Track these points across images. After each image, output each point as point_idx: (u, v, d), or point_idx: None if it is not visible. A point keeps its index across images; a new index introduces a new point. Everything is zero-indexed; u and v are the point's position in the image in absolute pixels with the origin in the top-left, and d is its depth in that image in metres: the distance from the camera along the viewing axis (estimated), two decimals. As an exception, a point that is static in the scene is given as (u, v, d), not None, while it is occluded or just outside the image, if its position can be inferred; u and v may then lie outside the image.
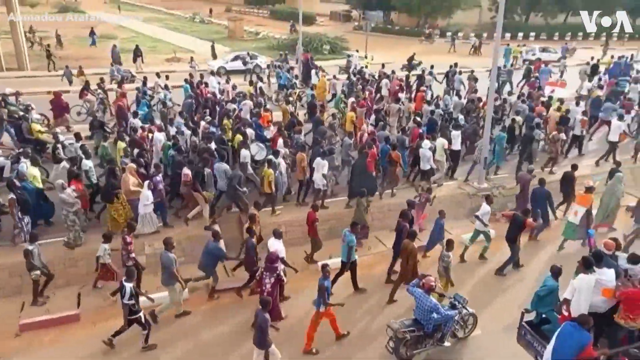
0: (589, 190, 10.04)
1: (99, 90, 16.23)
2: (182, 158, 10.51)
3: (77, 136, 11.60)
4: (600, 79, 18.73)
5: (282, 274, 7.94)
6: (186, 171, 9.86)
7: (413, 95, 17.32)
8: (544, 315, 7.31)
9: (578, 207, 10.04)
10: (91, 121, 13.67)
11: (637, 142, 13.57)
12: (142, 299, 7.61)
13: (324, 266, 7.41)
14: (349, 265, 8.72)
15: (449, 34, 42.24)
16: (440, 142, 11.80)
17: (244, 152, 10.89)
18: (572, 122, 13.31)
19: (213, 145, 11.09)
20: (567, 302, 6.95)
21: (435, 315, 7.07)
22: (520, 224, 9.16)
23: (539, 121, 12.62)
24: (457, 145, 12.17)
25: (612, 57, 25.08)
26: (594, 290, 6.78)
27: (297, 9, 26.15)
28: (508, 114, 14.80)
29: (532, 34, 42.70)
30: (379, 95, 16.50)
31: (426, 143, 11.67)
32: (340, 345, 7.78)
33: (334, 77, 18.68)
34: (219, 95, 16.17)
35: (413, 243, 8.38)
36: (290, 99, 15.80)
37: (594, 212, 10.37)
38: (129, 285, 7.14)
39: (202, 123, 12.63)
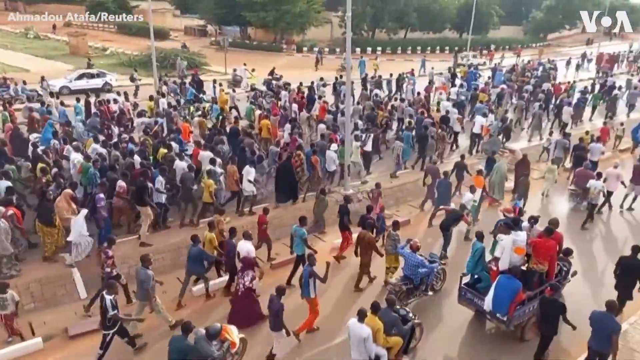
0: (480, 172, 12.91)
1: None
2: (111, 173, 10.57)
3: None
4: (462, 85, 23.17)
5: (247, 278, 8.55)
6: (121, 183, 10.01)
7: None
8: (476, 276, 9.38)
9: (476, 189, 12.73)
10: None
11: (490, 134, 17.43)
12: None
13: (310, 255, 8.36)
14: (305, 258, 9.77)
15: (312, 48, 46.18)
16: (355, 144, 13.62)
17: (180, 164, 11.09)
18: (452, 122, 16.62)
19: (137, 159, 11.12)
20: (496, 259, 9.19)
21: (421, 269, 8.86)
22: (458, 217, 11.10)
23: (430, 121, 15.52)
24: (368, 147, 14.14)
25: (466, 66, 30.90)
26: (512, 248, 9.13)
27: (148, 23, 25.85)
28: (397, 117, 17.65)
29: (379, 48, 48.94)
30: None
31: (333, 146, 13.40)
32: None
33: (233, 90, 19.41)
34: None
35: (370, 233, 9.81)
36: (198, 112, 16.10)
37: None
38: (109, 298, 7.19)
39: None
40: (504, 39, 57.35)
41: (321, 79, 21.60)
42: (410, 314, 8.14)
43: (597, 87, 24.81)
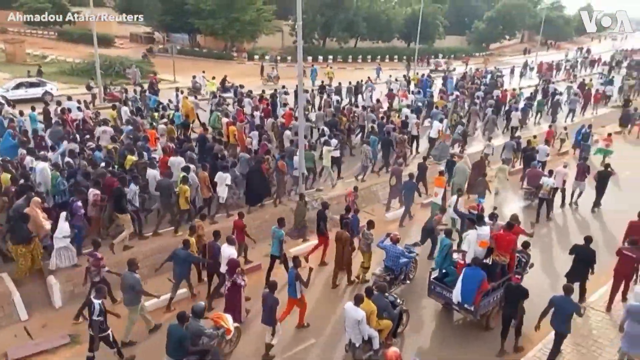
0: (441, 174, 13.86)
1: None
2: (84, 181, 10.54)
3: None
4: (419, 92, 24.35)
5: (239, 278, 8.82)
6: (95, 191, 9.95)
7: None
8: (444, 271, 10.13)
9: (437, 189, 13.66)
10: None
11: (453, 138, 18.70)
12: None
13: (296, 257, 8.75)
14: (282, 258, 10.17)
15: (264, 56, 46.62)
16: (326, 149, 14.18)
17: (153, 172, 11.14)
18: (410, 126, 17.62)
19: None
20: (464, 253, 10.00)
21: (402, 260, 9.62)
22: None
23: (392, 126, 16.41)
24: (336, 153, 14.77)
25: (418, 74, 32.49)
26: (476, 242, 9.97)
27: (90, 30, 25.34)
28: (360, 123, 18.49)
29: (330, 56, 50.20)
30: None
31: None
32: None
33: (195, 97, 19.47)
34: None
35: (346, 232, 10.34)
36: (163, 120, 16.09)
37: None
38: (97, 302, 7.29)
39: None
40: (449, 48, 60.60)
41: (283, 86, 22.12)
42: (399, 300, 8.83)
43: (540, 93, 26.96)
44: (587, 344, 8.89)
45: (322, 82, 25.39)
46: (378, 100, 21.95)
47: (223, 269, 9.16)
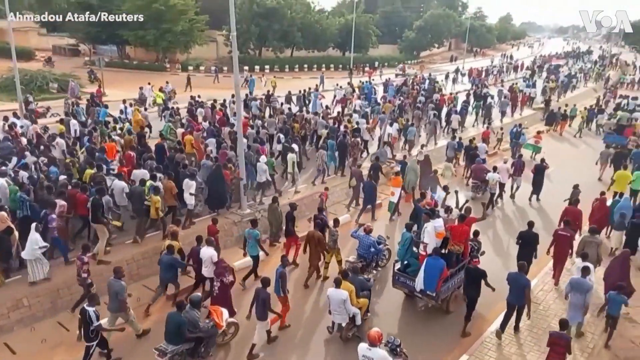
0: (397, 174, 15.02)
1: None
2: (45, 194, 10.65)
3: None
4: (365, 98, 25.71)
5: (226, 277, 9.30)
6: (61, 203, 10.17)
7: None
8: (406, 262, 11.14)
9: (393, 189, 14.80)
10: None
11: (409, 140, 20.21)
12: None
13: (283, 257, 9.47)
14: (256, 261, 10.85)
15: (198, 67, 46.53)
16: (291, 157, 15.05)
17: (120, 184, 11.27)
18: (362, 131, 18.84)
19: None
20: (425, 244, 11.05)
21: (373, 249, 10.58)
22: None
23: (345, 131, 17.48)
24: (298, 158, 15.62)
25: (361, 82, 34.22)
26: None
27: (8, 43, 24.41)
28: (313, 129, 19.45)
29: (267, 66, 51.05)
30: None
31: (263, 158, 14.58)
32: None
33: (145, 109, 19.43)
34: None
35: (318, 232, 11.12)
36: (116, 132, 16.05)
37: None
38: (92, 309, 7.55)
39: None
40: (382, 57, 63.63)
41: (232, 95, 22.52)
42: (371, 279, 9.94)
43: (472, 97, 29.58)
44: (540, 315, 10.27)
45: (268, 91, 26.15)
46: (327, 107, 23.14)
47: (204, 271, 9.61)
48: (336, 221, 11.61)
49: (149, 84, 26.80)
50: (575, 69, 50.66)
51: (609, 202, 13.57)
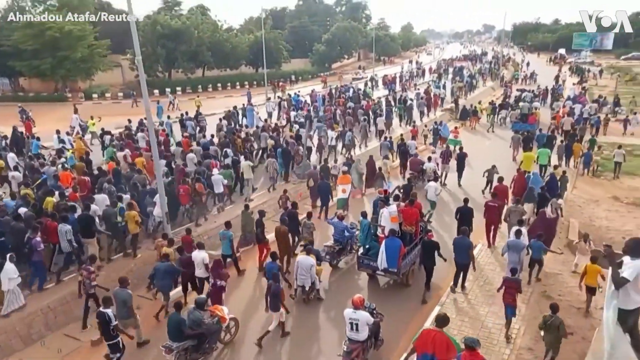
0: (345, 173, 17.08)
1: None
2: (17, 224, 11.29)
3: None
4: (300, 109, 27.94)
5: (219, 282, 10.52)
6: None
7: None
8: (367, 246, 13.08)
9: (343, 186, 16.75)
10: None
11: (347, 144, 22.39)
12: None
13: (274, 253, 10.92)
14: (234, 256, 12.22)
15: (104, 94, 45.79)
16: (246, 163, 16.86)
17: (93, 208, 12.08)
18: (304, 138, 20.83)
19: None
20: (383, 227, 13.06)
21: (347, 233, 12.48)
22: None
23: (291, 140, 19.40)
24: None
25: (289, 95, 36.23)
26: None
27: None
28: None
29: (178, 88, 51.38)
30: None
31: (215, 171, 16.00)
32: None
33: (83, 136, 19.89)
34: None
35: (284, 227, 12.82)
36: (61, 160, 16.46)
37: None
38: (109, 310, 8.53)
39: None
40: (295, 70, 66.63)
41: (168, 117, 23.54)
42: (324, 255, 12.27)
43: (392, 100, 33.00)
44: (483, 273, 12.67)
45: (197, 111, 27.39)
46: (266, 120, 25.09)
47: (198, 272, 10.82)
48: (309, 214, 13.43)
49: (76, 112, 26.68)
50: (474, 70, 57.12)
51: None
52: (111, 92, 48.42)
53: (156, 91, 48.93)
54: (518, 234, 11.88)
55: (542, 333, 9.13)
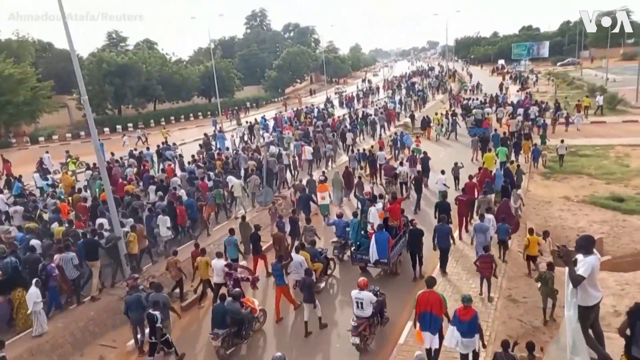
0: (322, 182, 19.20)
1: None
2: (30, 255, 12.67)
3: None
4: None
5: (237, 275, 12.29)
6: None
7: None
8: (358, 243, 15.07)
9: (324, 194, 18.86)
10: None
11: (329, 155, 25.07)
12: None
13: (280, 256, 12.70)
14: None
15: (51, 136, 45.91)
16: (238, 182, 18.79)
17: (101, 220, 13.66)
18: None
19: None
20: (371, 223, 15.18)
21: (347, 228, 14.41)
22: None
23: (271, 159, 21.62)
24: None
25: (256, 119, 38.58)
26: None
27: None
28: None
29: (130, 124, 52.19)
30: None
31: (183, 192, 17.77)
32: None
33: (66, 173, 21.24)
34: None
35: (280, 232, 14.82)
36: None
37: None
38: (157, 313, 10.08)
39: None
40: (248, 98, 68.84)
41: (147, 148, 25.53)
42: (325, 251, 14.08)
43: (354, 116, 36.34)
44: (458, 254, 15.02)
45: (165, 142, 29.11)
46: (247, 142, 27.79)
47: (216, 279, 12.59)
48: (308, 220, 15.57)
49: (47, 152, 27.87)
50: (425, 84, 61.49)
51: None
52: (58, 134, 48.41)
53: (106, 129, 49.57)
54: (482, 218, 14.34)
55: (538, 285, 11.50)
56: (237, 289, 11.46)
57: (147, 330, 10.66)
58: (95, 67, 52.19)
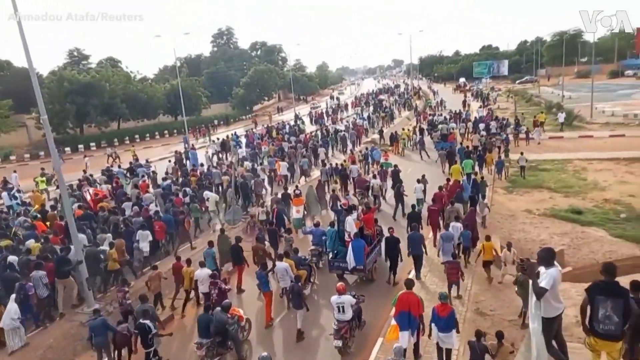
0: (297, 196, 19.94)
1: None
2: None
3: None
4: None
5: (222, 285, 12.74)
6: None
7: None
8: (335, 251, 15.76)
9: (297, 207, 19.56)
10: None
11: (305, 170, 26.00)
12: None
13: (264, 263, 13.32)
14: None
15: (8, 156, 44.98)
16: (213, 196, 19.26)
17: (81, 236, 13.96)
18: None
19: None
20: (348, 232, 15.96)
21: (324, 236, 15.25)
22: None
23: (247, 174, 22.34)
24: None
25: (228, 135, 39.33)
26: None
27: None
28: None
29: (92, 143, 51.91)
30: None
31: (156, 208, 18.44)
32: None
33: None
34: None
35: (261, 245, 15.46)
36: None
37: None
38: (147, 322, 10.45)
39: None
40: (216, 115, 69.22)
41: (119, 166, 25.84)
42: (307, 258, 14.82)
43: (325, 132, 37.77)
44: (429, 260, 15.90)
45: (134, 158, 29.54)
46: (220, 158, 28.40)
47: (200, 288, 13.03)
48: (289, 230, 16.36)
49: (15, 172, 27.74)
50: (390, 102, 63.55)
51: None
52: (16, 154, 47.51)
53: (68, 149, 48.98)
54: (447, 227, 15.41)
55: (516, 288, 12.24)
56: (228, 300, 11.79)
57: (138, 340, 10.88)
58: (56, 85, 51.59)
